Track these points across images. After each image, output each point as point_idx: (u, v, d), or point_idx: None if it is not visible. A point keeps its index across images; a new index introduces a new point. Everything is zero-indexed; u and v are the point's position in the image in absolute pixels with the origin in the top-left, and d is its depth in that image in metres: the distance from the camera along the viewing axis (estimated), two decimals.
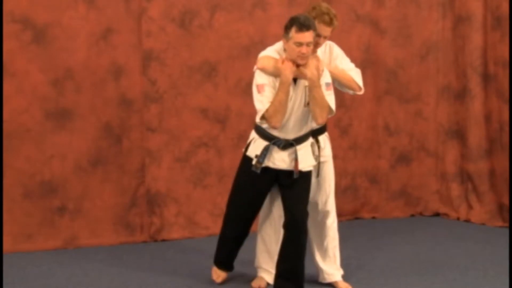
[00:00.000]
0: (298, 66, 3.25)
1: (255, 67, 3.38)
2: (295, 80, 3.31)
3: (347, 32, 5.28)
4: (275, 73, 3.28)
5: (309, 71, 3.23)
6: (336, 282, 3.75)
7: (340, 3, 5.21)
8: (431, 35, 5.47)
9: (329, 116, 3.39)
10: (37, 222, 4.52)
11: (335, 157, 3.83)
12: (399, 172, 5.55)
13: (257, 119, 3.31)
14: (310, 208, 3.66)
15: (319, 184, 3.65)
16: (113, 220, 4.71)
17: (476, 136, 5.37)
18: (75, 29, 4.51)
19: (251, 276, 3.83)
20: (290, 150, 3.37)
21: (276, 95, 3.24)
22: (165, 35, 4.74)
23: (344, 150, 5.35)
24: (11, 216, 4.41)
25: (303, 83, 3.30)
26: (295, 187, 3.40)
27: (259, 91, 3.27)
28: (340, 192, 3.82)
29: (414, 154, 5.57)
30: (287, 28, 3.23)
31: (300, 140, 3.39)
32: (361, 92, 3.63)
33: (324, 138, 3.66)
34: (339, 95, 3.65)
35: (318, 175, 3.59)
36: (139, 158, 4.75)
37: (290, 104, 3.29)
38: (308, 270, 3.64)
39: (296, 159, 3.34)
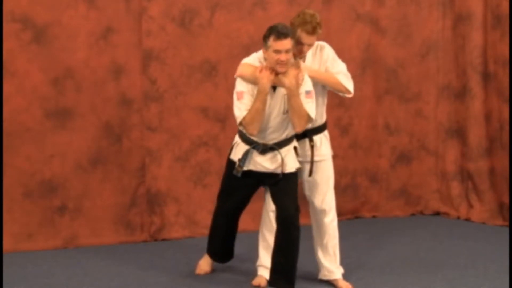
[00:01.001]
0: (277, 74, 3.32)
1: (235, 74, 3.46)
2: (274, 87, 3.38)
3: (347, 31, 5.29)
4: (254, 81, 3.36)
5: (288, 80, 3.30)
6: (336, 280, 3.76)
7: (340, 2, 5.24)
8: (431, 34, 5.47)
9: (308, 123, 3.44)
10: (37, 222, 4.52)
11: (335, 156, 3.83)
12: (399, 171, 5.56)
13: (239, 118, 3.40)
14: (310, 207, 3.71)
15: (314, 183, 3.66)
16: (113, 219, 4.71)
17: (476, 135, 5.37)
18: (75, 28, 4.51)
19: (252, 274, 3.83)
20: (271, 154, 3.46)
21: (254, 103, 3.33)
22: (165, 34, 4.74)
23: (344, 149, 5.35)
24: (11, 215, 4.41)
25: (282, 91, 3.37)
26: (282, 184, 3.49)
27: (238, 98, 3.37)
28: (340, 191, 3.83)
29: (414, 153, 5.57)
30: (265, 37, 3.30)
31: (281, 144, 3.47)
32: (350, 95, 3.64)
33: (321, 138, 3.66)
34: (339, 95, 3.66)
35: (310, 174, 3.61)
36: (139, 158, 4.75)
37: (268, 111, 3.37)
38: (310, 267, 3.62)
39: (282, 162, 3.43)
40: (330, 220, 3.72)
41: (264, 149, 3.44)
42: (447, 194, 5.53)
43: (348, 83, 3.56)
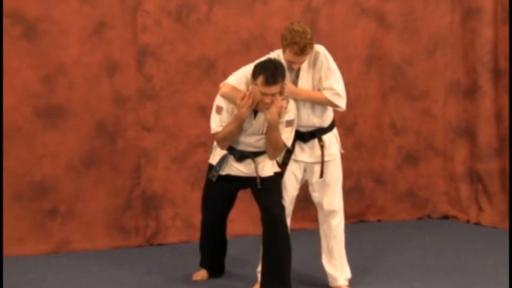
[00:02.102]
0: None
1: (218, 92, 3.53)
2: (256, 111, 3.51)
3: (352, 27, 5.27)
4: (235, 104, 3.46)
5: (269, 115, 3.41)
6: (339, 287, 3.76)
7: None
8: (439, 29, 5.45)
9: (282, 153, 3.57)
10: (28, 226, 4.51)
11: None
12: (406, 173, 5.55)
13: (212, 131, 3.58)
14: (318, 209, 3.73)
15: (324, 184, 3.67)
16: (107, 223, 4.71)
17: (486, 135, 5.36)
18: (67, 23, 4.50)
19: (251, 280, 3.82)
20: (248, 160, 3.59)
21: (229, 124, 3.50)
22: (161, 29, 4.73)
23: (348, 149, 5.28)
24: None
25: (263, 115, 3.48)
26: (265, 185, 3.58)
27: (216, 112, 3.53)
28: (344, 194, 3.82)
29: (422, 153, 5.56)
30: (254, 74, 3.36)
31: (258, 153, 3.60)
32: (342, 110, 3.62)
33: (330, 137, 3.67)
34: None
35: (321, 175, 3.63)
36: (134, 158, 4.76)
37: (246, 128, 3.51)
38: (318, 273, 3.63)
39: (256, 169, 3.56)
40: (338, 223, 3.74)
41: (241, 156, 3.58)
42: (456, 197, 5.52)
43: (337, 99, 3.52)
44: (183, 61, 4.81)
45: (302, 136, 3.63)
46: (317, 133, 3.62)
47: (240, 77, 3.49)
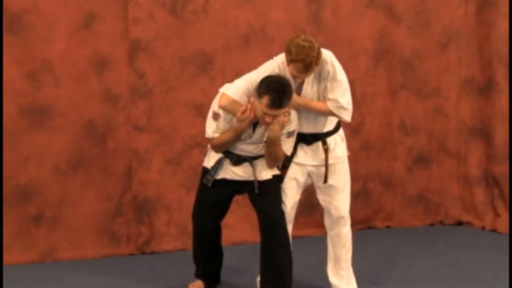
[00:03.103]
0: None
1: (218, 104, 3.51)
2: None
3: (358, 19, 5.26)
4: (234, 116, 3.49)
5: (271, 132, 3.45)
6: None
7: None
8: (452, 21, 5.44)
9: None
10: (11, 233, 4.49)
11: None
12: (417, 176, 5.55)
13: (207, 135, 3.62)
14: (325, 215, 3.74)
15: (331, 188, 3.68)
16: (96, 229, 4.71)
17: (502, 135, 5.35)
18: (54, 15, 4.49)
19: None
20: (245, 164, 3.61)
21: (226, 134, 3.53)
22: (155, 22, 4.72)
23: (355, 151, 5.28)
24: None
25: (263, 127, 3.51)
26: (263, 189, 3.58)
27: (213, 117, 3.55)
28: (351, 198, 3.83)
29: (434, 155, 5.56)
30: (260, 91, 3.34)
31: (256, 157, 3.62)
32: (347, 122, 3.64)
33: (335, 138, 3.68)
34: (350, 90, 3.61)
35: (325, 181, 3.64)
36: (126, 160, 4.75)
37: (246, 138, 3.54)
38: (322, 283, 3.62)
39: (254, 173, 3.58)
40: (348, 230, 3.76)
41: (238, 160, 3.60)
42: (471, 201, 5.51)
43: (342, 112, 3.51)
44: (178, 56, 4.80)
45: (305, 139, 3.63)
46: (321, 136, 3.63)
47: (242, 88, 3.47)
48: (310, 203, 5.04)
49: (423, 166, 5.56)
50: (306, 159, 3.65)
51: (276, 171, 3.63)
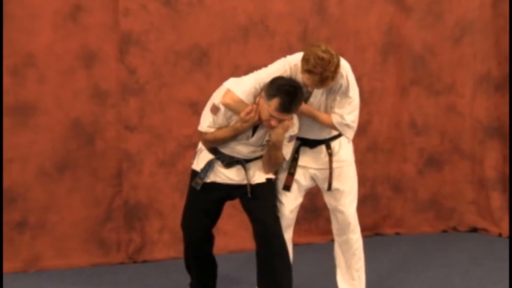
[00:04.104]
0: None
1: (221, 100, 3.45)
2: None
3: (366, 10, 5.27)
4: (236, 115, 3.46)
5: (275, 135, 3.46)
6: None
7: None
8: (467, 13, 5.44)
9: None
10: None
11: None
12: (428, 179, 5.54)
13: (200, 128, 3.59)
14: (332, 221, 3.74)
15: (337, 193, 3.69)
16: (84, 237, 4.71)
17: None
18: (38, 6, 4.48)
19: None
20: (237, 166, 3.60)
21: (223, 131, 3.51)
22: (147, 14, 4.72)
23: (362, 152, 5.31)
24: None
25: (263, 129, 3.53)
26: (258, 195, 3.58)
27: (211, 111, 3.51)
28: (357, 203, 3.83)
29: (446, 156, 5.56)
30: (270, 93, 3.33)
31: (250, 160, 3.61)
32: (349, 139, 3.67)
33: (340, 141, 3.68)
34: (357, 86, 3.61)
35: (329, 187, 3.65)
36: (116, 162, 4.75)
37: (243, 139, 3.53)
38: None
39: (247, 177, 3.58)
40: (357, 237, 3.78)
41: (230, 162, 3.59)
42: (486, 206, 5.51)
43: (345, 129, 3.54)
44: (172, 50, 4.80)
45: (308, 142, 3.65)
46: (325, 140, 3.64)
47: (250, 88, 3.43)
48: (314, 207, 5.05)
49: (435, 168, 5.55)
50: (309, 161, 3.66)
51: (270, 175, 3.63)
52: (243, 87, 3.42)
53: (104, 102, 4.69)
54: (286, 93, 3.30)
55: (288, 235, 3.71)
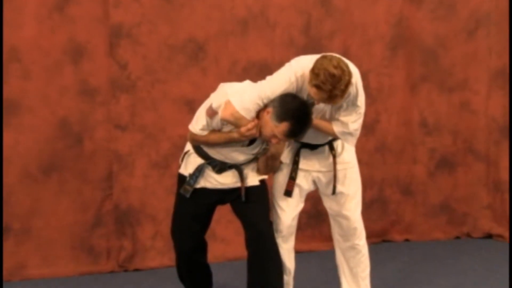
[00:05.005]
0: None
1: (221, 114, 3.41)
2: None
3: (373, 1, 5.26)
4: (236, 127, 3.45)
5: (275, 148, 3.53)
6: None
7: None
8: (481, 4, 5.43)
9: None
10: None
11: (358, 162, 3.82)
12: (440, 181, 5.54)
13: (191, 129, 3.58)
14: (334, 227, 3.78)
15: (341, 197, 3.70)
16: (72, 243, 4.72)
17: None
18: None
19: None
20: (229, 170, 3.61)
21: (217, 135, 3.49)
22: (139, 5, 4.72)
23: (369, 153, 5.34)
24: None
25: (260, 141, 3.56)
26: (251, 198, 3.59)
27: (208, 114, 3.45)
28: (364, 207, 3.85)
29: (459, 157, 5.55)
30: (281, 115, 3.32)
31: (243, 164, 3.63)
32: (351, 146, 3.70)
33: (342, 143, 3.68)
34: (363, 84, 3.63)
35: (334, 191, 3.65)
36: (105, 164, 4.76)
37: (237, 148, 3.54)
38: None
39: (241, 179, 3.59)
40: (363, 243, 3.79)
41: (222, 168, 3.59)
42: (502, 211, 5.50)
43: (347, 137, 3.53)
44: (166, 44, 4.80)
45: (308, 144, 3.64)
46: (326, 142, 3.65)
47: (252, 105, 3.37)
48: (317, 212, 5.03)
49: (448, 170, 5.54)
50: (312, 164, 3.66)
51: (263, 176, 3.65)
52: (244, 104, 3.36)
53: (93, 100, 4.69)
54: (298, 120, 3.31)
55: (290, 244, 3.72)
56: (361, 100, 3.45)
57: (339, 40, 5.13)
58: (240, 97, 3.36)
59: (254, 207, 3.57)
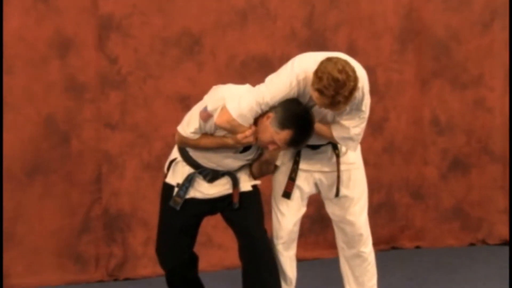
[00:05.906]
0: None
1: (216, 119, 3.38)
2: None
3: None
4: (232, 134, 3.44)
5: (270, 154, 3.54)
6: None
7: None
8: None
9: None
10: None
11: (364, 163, 3.80)
12: (453, 184, 5.53)
13: (181, 131, 3.53)
14: (337, 233, 3.77)
15: (345, 200, 3.67)
16: (58, 251, 4.72)
17: None
18: None
19: None
20: (222, 179, 3.59)
21: (210, 140, 3.46)
22: None
23: (376, 153, 5.33)
24: None
25: (255, 147, 3.57)
26: (243, 204, 3.58)
27: (201, 117, 3.41)
28: (371, 212, 3.84)
29: (474, 158, 5.54)
30: (283, 123, 3.31)
31: (236, 170, 3.63)
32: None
33: None
34: (371, 79, 3.62)
35: (337, 194, 3.63)
36: (94, 165, 4.77)
37: (229, 154, 3.52)
38: None
39: (234, 186, 3.59)
40: (370, 250, 3.77)
41: (214, 176, 3.57)
42: None
43: (348, 143, 3.50)
44: (159, 37, 4.80)
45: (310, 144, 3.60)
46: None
47: (249, 112, 3.34)
48: (321, 217, 5.00)
49: (461, 172, 5.53)
50: (313, 164, 3.62)
51: (256, 181, 3.65)
52: (241, 110, 3.32)
53: (81, 96, 4.69)
54: (301, 128, 3.30)
55: (292, 251, 3.70)
56: (367, 105, 3.42)
57: (345, 33, 5.12)
58: (237, 103, 3.32)
59: (246, 213, 3.55)
